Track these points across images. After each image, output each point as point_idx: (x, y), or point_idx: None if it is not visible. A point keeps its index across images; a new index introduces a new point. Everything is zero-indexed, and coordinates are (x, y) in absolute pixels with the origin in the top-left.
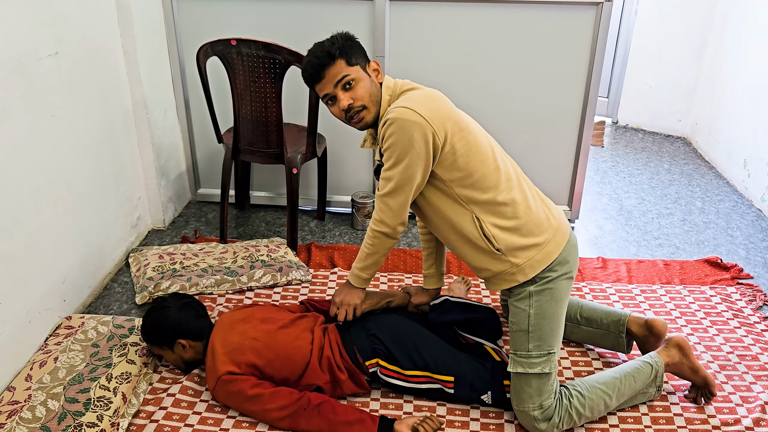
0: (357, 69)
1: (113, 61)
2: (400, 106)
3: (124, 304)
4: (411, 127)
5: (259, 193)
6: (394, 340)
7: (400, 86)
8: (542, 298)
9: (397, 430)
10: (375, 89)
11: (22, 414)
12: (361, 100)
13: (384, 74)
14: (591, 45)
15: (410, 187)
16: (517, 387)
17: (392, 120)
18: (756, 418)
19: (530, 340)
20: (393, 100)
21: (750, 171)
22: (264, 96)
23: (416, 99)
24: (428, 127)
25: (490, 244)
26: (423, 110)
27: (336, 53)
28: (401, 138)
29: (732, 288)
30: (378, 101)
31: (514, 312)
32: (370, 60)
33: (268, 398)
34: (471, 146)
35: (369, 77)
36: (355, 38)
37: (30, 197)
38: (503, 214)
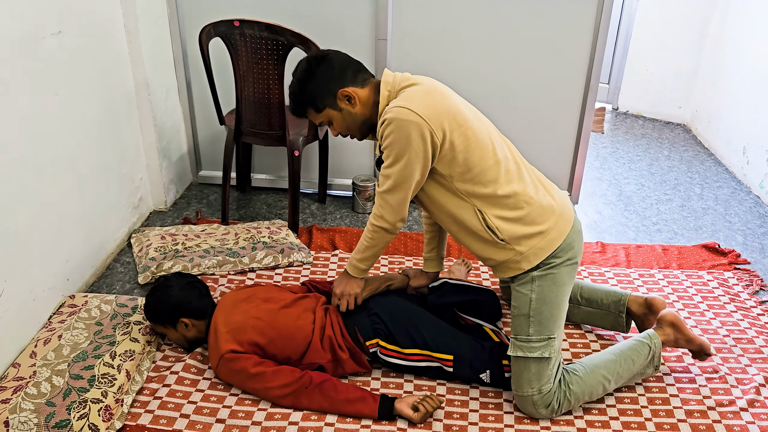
0: (327, 112)
1: (116, 41)
2: (398, 106)
3: (126, 283)
4: (408, 126)
5: (260, 176)
6: (394, 319)
7: (399, 81)
8: (544, 283)
9: (398, 408)
10: (351, 118)
11: (27, 390)
12: (342, 132)
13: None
14: (593, 31)
15: (409, 185)
16: (516, 371)
17: (390, 120)
18: (750, 399)
19: (531, 324)
20: (392, 96)
21: (749, 158)
22: (267, 78)
23: (414, 97)
24: (425, 125)
25: (494, 235)
26: (421, 109)
27: (300, 109)
28: (399, 137)
29: (729, 273)
30: (360, 124)
31: (516, 296)
32: (337, 91)
33: (270, 376)
34: (470, 141)
35: (341, 112)
36: (315, 68)
37: (33, 177)
38: (505, 206)
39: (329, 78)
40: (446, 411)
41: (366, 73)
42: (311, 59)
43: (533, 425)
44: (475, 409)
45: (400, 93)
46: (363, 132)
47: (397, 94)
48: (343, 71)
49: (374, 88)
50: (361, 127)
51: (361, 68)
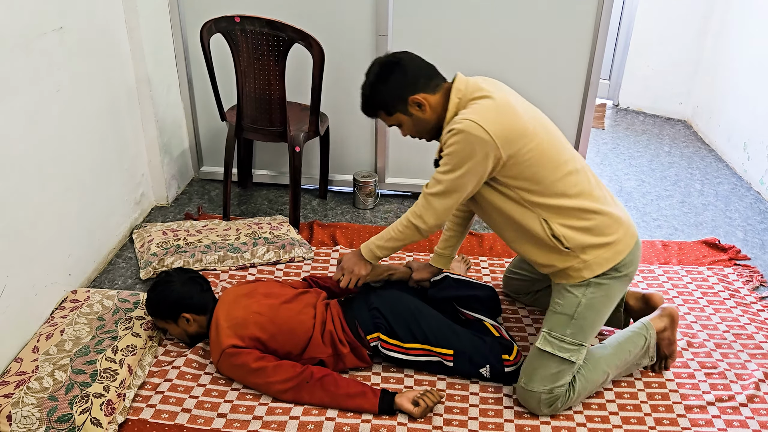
0: (397, 116)
1: (117, 37)
2: (470, 119)
3: (128, 279)
4: (475, 142)
5: (261, 172)
6: (394, 313)
7: (471, 91)
8: (598, 292)
9: (398, 403)
10: (421, 123)
11: (29, 384)
12: (412, 135)
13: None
14: (593, 27)
15: (459, 195)
16: (535, 365)
17: (459, 131)
18: (750, 394)
19: (570, 326)
20: (462, 105)
21: (749, 154)
22: (267, 74)
23: (488, 113)
24: (493, 146)
25: (559, 243)
26: (493, 128)
27: (371, 110)
28: (463, 149)
29: (729, 269)
30: (429, 129)
31: (564, 295)
32: (408, 97)
33: (271, 371)
34: (541, 156)
35: (411, 117)
36: (388, 74)
37: (35, 173)
38: (574, 216)
39: (401, 85)
40: (446, 405)
41: (438, 78)
42: (384, 64)
43: (533, 420)
44: (475, 404)
45: (471, 103)
46: (432, 135)
47: (467, 103)
48: (416, 78)
49: (445, 94)
50: (431, 131)
51: (434, 74)
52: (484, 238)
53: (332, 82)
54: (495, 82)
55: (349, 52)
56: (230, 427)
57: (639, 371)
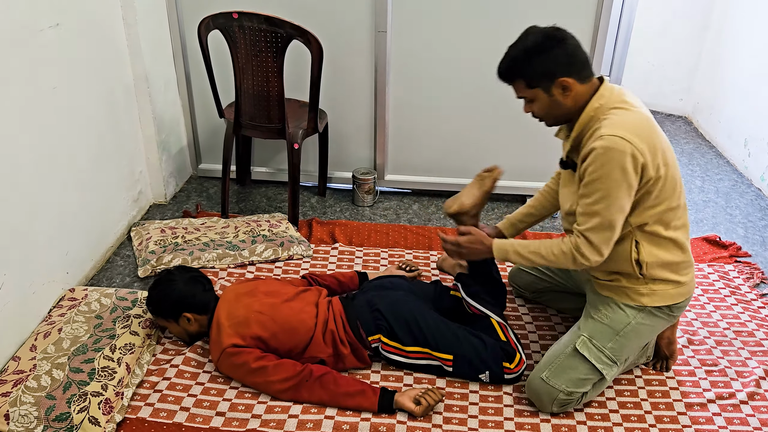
0: (535, 92)
1: (114, 33)
2: (614, 135)
3: (126, 277)
4: (623, 158)
5: (260, 169)
6: (396, 316)
7: (615, 99)
8: (647, 320)
9: (399, 401)
10: (556, 107)
11: (27, 383)
12: (537, 115)
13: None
14: (594, 22)
15: (618, 223)
16: (564, 364)
17: (604, 149)
18: (750, 392)
19: (614, 341)
20: (601, 111)
21: (750, 150)
22: (266, 70)
23: (629, 125)
24: (639, 156)
25: (638, 268)
26: (638, 141)
27: (515, 76)
28: (611, 170)
29: (730, 266)
30: (560, 115)
31: (615, 309)
32: (558, 77)
33: (271, 370)
34: (668, 181)
35: (550, 98)
36: (550, 47)
37: (32, 170)
38: (665, 248)
39: (558, 62)
40: (446, 404)
41: (589, 69)
42: (549, 35)
43: (533, 418)
44: (475, 402)
45: (611, 112)
46: (558, 122)
47: (607, 111)
48: (573, 60)
49: (590, 89)
50: (560, 118)
51: (588, 63)
52: None
53: (331, 78)
54: (636, 97)
55: (348, 49)
56: (229, 426)
57: (640, 369)
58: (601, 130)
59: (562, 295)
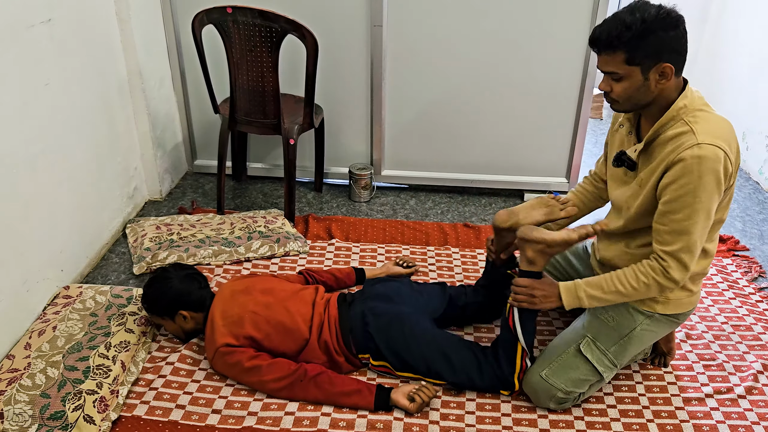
0: (633, 70)
1: (107, 28)
2: (709, 144)
3: (121, 274)
4: (718, 167)
5: (256, 165)
6: (387, 341)
7: (698, 101)
8: (652, 326)
9: (394, 398)
10: (644, 92)
11: (21, 381)
12: (618, 96)
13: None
14: (591, 15)
15: (704, 236)
16: (565, 363)
17: (699, 159)
18: (748, 386)
19: (616, 344)
20: (686, 112)
21: (748, 144)
22: (260, 65)
23: (720, 132)
24: (730, 166)
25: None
26: (732, 151)
27: (620, 46)
28: (707, 183)
29: (728, 260)
30: (642, 101)
31: (623, 314)
32: (663, 62)
33: (265, 370)
34: (731, 192)
35: (644, 81)
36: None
37: (25, 166)
38: (700, 258)
39: (672, 47)
40: (443, 399)
41: (683, 67)
42: (672, 14)
43: (530, 413)
44: (472, 398)
45: (696, 113)
46: (635, 108)
47: (693, 112)
48: (683, 48)
49: (678, 86)
50: (639, 104)
51: (685, 59)
52: (480, 230)
53: (327, 73)
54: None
55: (344, 43)
56: (225, 423)
57: (637, 364)
58: (692, 138)
59: None
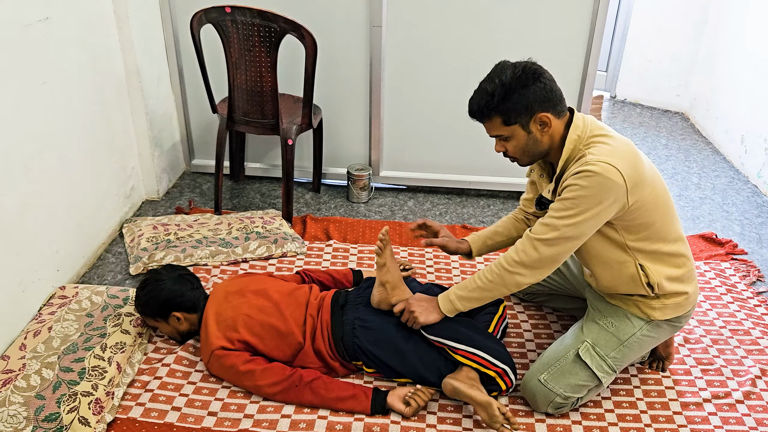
0: (513, 129)
1: (105, 27)
2: (605, 162)
3: (118, 274)
4: (610, 187)
5: (253, 165)
6: (377, 354)
7: (591, 127)
8: (653, 332)
9: (390, 402)
10: (534, 144)
11: (16, 382)
12: (513, 153)
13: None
14: (591, 17)
15: (574, 244)
16: (564, 369)
17: (593, 173)
18: (746, 391)
19: (616, 350)
20: (581, 142)
21: (747, 147)
22: (259, 65)
23: (620, 155)
24: (624, 192)
25: (650, 289)
26: (627, 171)
27: (492, 113)
28: (593, 195)
29: (726, 263)
30: (537, 152)
31: (623, 320)
32: (537, 113)
33: (260, 374)
34: (658, 201)
35: (528, 135)
36: (530, 82)
37: (21, 166)
38: (669, 263)
39: (538, 98)
40: (440, 403)
41: (564, 104)
42: (528, 70)
43: (528, 417)
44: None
45: (593, 141)
46: (532, 160)
47: (588, 140)
48: (551, 95)
49: (565, 124)
50: (535, 156)
51: (563, 97)
52: None
53: (325, 73)
54: (602, 123)
55: (343, 44)
56: (221, 426)
57: (635, 368)
58: (590, 157)
59: (557, 297)
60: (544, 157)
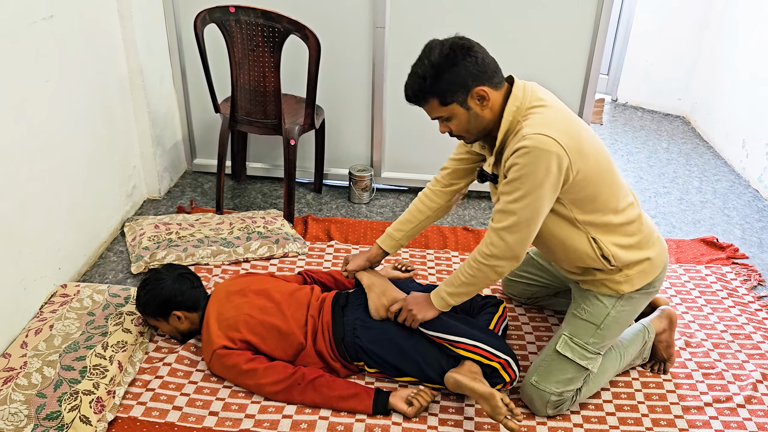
0: (452, 108)
1: (109, 26)
2: (539, 134)
3: (119, 273)
4: (549, 158)
5: (255, 165)
6: (378, 354)
7: (530, 98)
8: (627, 305)
9: (392, 402)
10: (476, 120)
11: (17, 381)
12: (458, 132)
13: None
14: (594, 21)
15: (536, 224)
16: (551, 367)
17: (529, 149)
18: (747, 395)
19: (594, 335)
20: (520, 114)
21: (748, 151)
22: (262, 65)
23: (554, 124)
24: (566, 157)
25: (607, 262)
26: (563, 138)
27: (427, 95)
28: (536, 170)
29: (727, 267)
30: (481, 128)
31: (594, 303)
32: (473, 88)
33: (262, 373)
34: (601, 168)
35: (468, 112)
36: (459, 58)
37: (23, 164)
38: (622, 233)
39: (470, 73)
40: (441, 405)
41: (501, 74)
42: (455, 46)
43: (529, 420)
44: (471, 404)
45: (530, 112)
46: (479, 137)
47: (526, 112)
48: (484, 68)
49: (504, 95)
50: (481, 132)
51: (498, 69)
52: (480, 234)
53: (328, 74)
54: (545, 89)
55: (346, 44)
56: (222, 426)
57: (637, 371)
58: (525, 130)
59: (556, 298)
60: (490, 132)
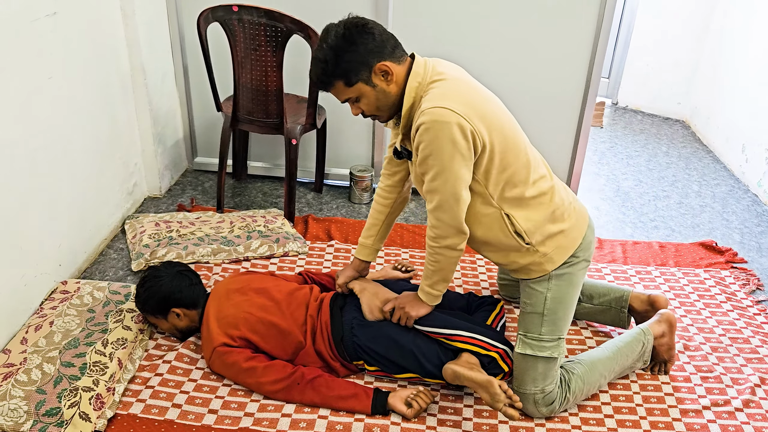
0: (358, 87)
1: (111, 23)
2: (435, 107)
3: (119, 270)
4: (450, 129)
5: (256, 164)
6: (377, 351)
7: (430, 74)
8: (561, 282)
9: (391, 403)
10: (384, 96)
11: (17, 377)
12: (369, 111)
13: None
14: (596, 25)
15: (461, 195)
16: (522, 369)
17: (429, 124)
18: (746, 399)
19: (543, 323)
20: (421, 89)
21: (748, 156)
22: (264, 65)
23: (449, 93)
24: (467, 124)
25: (520, 239)
26: (459, 106)
27: (331, 78)
28: (441, 144)
29: (726, 272)
30: (391, 104)
31: (530, 293)
32: (374, 64)
33: (261, 372)
34: (507, 140)
35: (374, 89)
36: (356, 37)
37: (25, 160)
38: (533, 206)
39: (370, 50)
40: (440, 405)
41: (402, 49)
42: (350, 26)
43: (527, 421)
44: (470, 404)
45: (430, 87)
46: (390, 114)
47: (427, 87)
48: (383, 43)
49: (408, 70)
50: (391, 108)
51: (398, 43)
52: None
53: None
54: (449, 64)
55: None
56: (221, 424)
57: (635, 374)
58: (423, 105)
59: None
60: (400, 107)
